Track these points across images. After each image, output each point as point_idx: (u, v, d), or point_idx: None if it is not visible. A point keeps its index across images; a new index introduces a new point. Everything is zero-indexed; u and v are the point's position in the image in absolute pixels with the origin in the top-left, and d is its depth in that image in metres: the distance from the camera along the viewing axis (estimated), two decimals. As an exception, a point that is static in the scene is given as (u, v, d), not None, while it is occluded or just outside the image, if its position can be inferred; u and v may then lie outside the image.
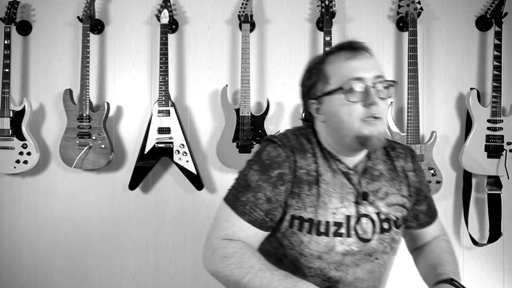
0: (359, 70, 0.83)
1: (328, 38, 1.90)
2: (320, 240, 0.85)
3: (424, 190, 0.99)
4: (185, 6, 2.11)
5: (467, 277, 2.07)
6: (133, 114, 2.12)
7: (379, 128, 0.83)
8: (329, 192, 0.87)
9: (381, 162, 0.95)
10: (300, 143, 0.91)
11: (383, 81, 0.84)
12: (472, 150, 1.92)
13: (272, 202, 0.85)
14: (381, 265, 0.91)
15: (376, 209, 0.89)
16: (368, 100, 0.81)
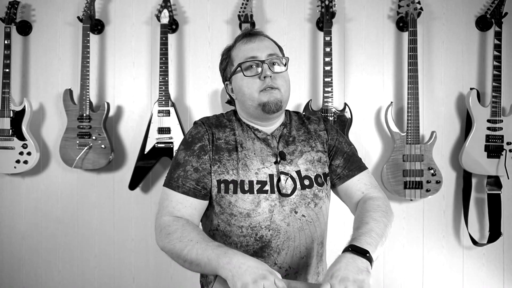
0: (254, 50, 1.00)
1: (328, 38, 1.91)
2: (245, 197, 0.96)
3: (339, 146, 1.09)
4: (185, 6, 2.11)
5: (467, 277, 2.08)
6: (133, 114, 2.12)
7: (275, 95, 0.99)
8: (249, 156, 1.00)
9: (295, 129, 1.09)
10: (219, 121, 1.08)
11: (275, 57, 1.00)
12: (472, 150, 1.92)
13: (199, 171, 0.98)
14: (309, 222, 1.00)
15: (295, 167, 1.01)
16: (262, 74, 0.98)
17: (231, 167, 0.99)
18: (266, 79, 0.98)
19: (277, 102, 0.99)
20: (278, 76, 1.01)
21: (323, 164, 1.06)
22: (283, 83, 1.01)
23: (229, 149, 1.01)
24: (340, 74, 2.07)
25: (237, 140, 1.03)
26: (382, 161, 2.07)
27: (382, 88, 2.08)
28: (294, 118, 1.14)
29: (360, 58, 2.08)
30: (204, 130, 1.03)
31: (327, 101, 1.91)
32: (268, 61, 0.99)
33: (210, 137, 1.02)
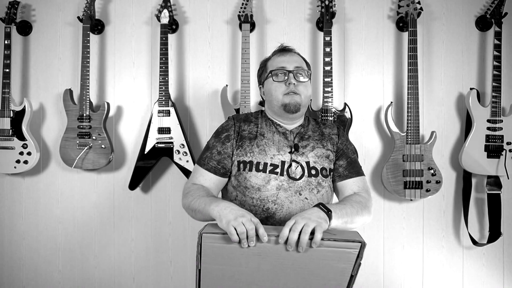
0: (284, 62, 1.26)
1: (328, 38, 1.91)
2: (258, 175, 1.18)
3: (345, 150, 1.30)
4: (185, 6, 2.11)
5: (467, 277, 2.08)
6: (133, 114, 2.12)
7: (296, 99, 1.22)
8: (268, 144, 1.24)
9: (311, 130, 1.31)
10: (247, 117, 1.33)
11: (300, 70, 1.25)
12: (472, 150, 1.92)
13: (221, 154, 1.24)
14: (310, 205, 1.17)
15: (306, 159, 1.22)
16: (287, 81, 1.22)
17: (249, 151, 1.22)
18: (290, 86, 1.22)
19: (296, 105, 1.23)
20: (300, 84, 1.24)
21: (330, 161, 1.25)
22: (304, 90, 1.25)
23: (251, 137, 1.25)
24: (340, 74, 2.07)
25: (259, 132, 1.26)
26: (382, 161, 2.07)
27: (382, 88, 2.08)
28: (312, 122, 1.36)
29: (360, 58, 2.08)
30: (232, 123, 1.29)
31: (327, 101, 1.91)
32: (294, 72, 1.24)
33: (236, 129, 1.27)
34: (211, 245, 0.92)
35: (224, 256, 0.92)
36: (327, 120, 1.92)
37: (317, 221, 0.93)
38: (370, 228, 2.09)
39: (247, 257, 0.92)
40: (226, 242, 0.91)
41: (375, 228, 2.09)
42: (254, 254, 0.92)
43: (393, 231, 2.09)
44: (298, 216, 0.95)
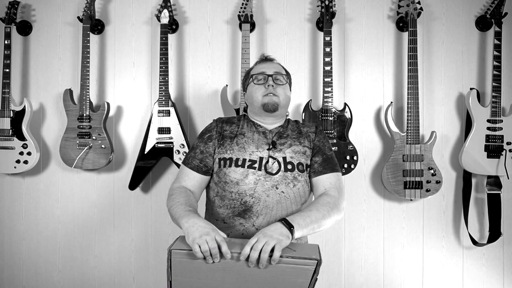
0: (264, 68, 1.36)
1: (328, 38, 1.91)
2: (237, 170, 1.25)
3: (322, 147, 1.35)
4: (185, 6, 2.11)
5: (467, 277, 2.08)
6: (133, 114, 2.12)
7: (274, 99, 1.30)
8: (248, 142, 1.31)
9: (290, 129, 1.37)
10: (229, 119, 1.41)
11: (279, 74, 1.34)
12: (472, 150, 1.92)
13: (204, 153, 1.31)
14: (286, 198, 1.24)
15: (283, 154, 1.28)
16: (266, 83, 1.31)
17: (229, 149, 1.29)
18: (269, 88, 1.30)
19: (274, 104, 1.30)
20: (279, 87, 1.33)
21: (307, 157, 1.31)
22: (282, 92, 1.33)
23: (232, 137, 1.32)
24: (340, 74, 2.07)
25: (239, 131, 1.33)
26: (382, 161, 2.07)
27: (382, 88, 2.08)
28: (291, 123, 1.42)
29: (360, 58, 2.08)
30: (215, 124, 1.38)
31: (327, 101, 1.91)
32: (273, 76, 1.33)
33: (218, 129, 1.35)
34: (180, 260, 0.99)
35: (191, 270, 1.00)
36: (327, 120, 1.92)
37: (278, 239, 0.98)
38: (370, 228, 2.09)
39: (212, 271, 0.99)
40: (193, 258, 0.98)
41: (375, 228, 2.09)
42: (219, 268, 0.99)
43: (393, 231, 2.09)
44: (260, 234, 1.00)
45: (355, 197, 2.09)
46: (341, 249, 2.09)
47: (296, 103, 2.07)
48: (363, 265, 2.09)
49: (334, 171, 1.31)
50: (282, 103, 1.32)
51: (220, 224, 1.26)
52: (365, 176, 2.09)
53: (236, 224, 1.23)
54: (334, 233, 2.10)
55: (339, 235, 2.09)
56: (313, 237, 2.08)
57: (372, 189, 2.09)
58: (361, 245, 2.10)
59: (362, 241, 2.09)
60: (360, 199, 2.09)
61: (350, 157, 1.93)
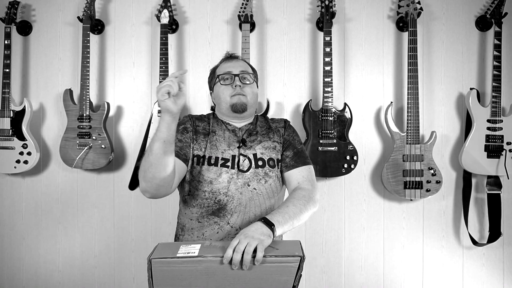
0: (230, 67, 1.34)
1: (328, 38, 1.91)
2: (210, 168, 1.25)
3: (292, 141, 1.35)
4: (185, 6, 2.11)
5: (467, 277, 2.08)
6: (133, 114, 2.12)
7: (242, 99, 1.30)
8: (219, 140, 1.31)
9: (259, 127, 1.38)
10: (200, 116, 1.42)
11: (245, 74, 1.33)
12: (472, 150, 1.92)
13: (182, 142, 1.29)
14: (259, 194, 1.26)
15: (253, 151, 1.29)
16: (233, 83, 1.30)
17: (203, 146, 1.29)
18: (237, 88, 1.30)
19: (243, 104, 1.30)
20: (246, 86, 1.32)
21: (277, 152, 1.32)
22: (250, 91, 1.32)
23: (204, 133, 1.32)
24: (340, 74, 2.07)
25: (211, 129, 1.34)
26: (382, 161, 2.07)
27: (382, 88, 2.08)
28: (260, 119, 1.42)
29: (360, 58, 2.08)
30: (188, 119, 1.38)
31: (327, 101, 1.91)
32: (240, 75, 1.31)
33: (192, 123, 1.35)
34: (161, 269, 0.97)
35: (173, 277, 0.98)
36: (327, 120, 1.92)
37: (259, 239, 0.97)
38: (370, 228, 2.09)
39: (195, 277, 0.97)
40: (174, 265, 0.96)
41: (375, 228, 2.09)
42: (202, 273, 0.97)
43: (393, 231, 2.09)
44: (242, 235, 0.98)
45: (355, 197, 2.09)
46: (341, 249, 2.09)
47: (296, 103, 2.07)
48: (363, 265, 2.09)
49: (306, 164, 1.31)
50: (250, 102, 1.32)
51: (194, 224, 1.26)
52: (365, 176, 2.09)
53: (210, 223, 1.23)
54: (334, 233, 2.10)
55: (339, 235, 2.10)
56: (313, 237, 2.08)
57: (372, 189, 2.09)
58: (361, 245, 2.09)
59: (362, 241, 2.09)
60: (360, 199, 2.09)
61: (350, 157, 1.93)
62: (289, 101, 2.08)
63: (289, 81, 2.08)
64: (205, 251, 0.97)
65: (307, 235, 2.09)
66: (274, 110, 2.07)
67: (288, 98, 2.08)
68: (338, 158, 1.93)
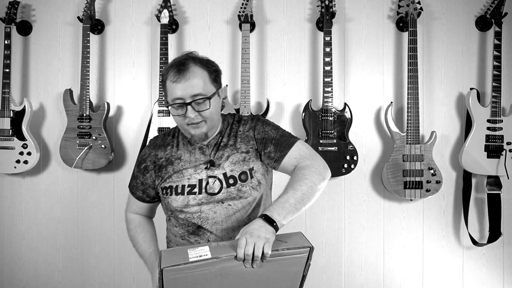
0: (179, 91, 1.11)
1: (328, 38, 1.91)
2: (177, 198, 1.19)
3: (266, 135, 1.23)
4: (185, 6, 2.11)
5: (467, 277, 2.08)
6: (133, 114, 2.12)
7: (200, 129, 1.16)
8: (185, 165, 1.21)
9: (227, 136, 1.25)
10: (164, 140, 1.28)
11: (199, 97, 1.12)
12: (472, 150, 1.92)
13: (144, 184, 1.27)
14: (235, 210, 1.19)
15: (222, 170, 1.19)
16: (186, 114, 1.12)
17: (168, 177, 1.22)
18: (192, 119, 1.13)
19: (201, 135, 1.17)
20: (203, 112, 1.14)
21: (247, 162, 1.21)
22: (208, 115, 1.15)
23: (167, 164, 1.23)
24: (340, 74, 2.07)
25: (175, 156, 1.23)
26: (382, 161, 2.07)
27: (382, 88, 2.08)
28: (229, 121, 1.28)
29: (360, 58, 2.08)
30: (148, 153, 1.27)
31: (327, 101, 1.91)
32: (193, 102, 1.12)
33: (152, 159, 1.26)
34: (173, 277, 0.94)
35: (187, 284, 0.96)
36: (327, 120, 1.92)
37: (266, 238, 0.96)
38: (370, 228, 2.09)
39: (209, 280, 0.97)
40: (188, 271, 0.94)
41: (375, 228, 2.09)
42: (216, 275, 0.96)
43: (393, 231, 2.09)
44: (247, 235, 0.96)
45: (355, 197, 2.09)
46: (341, 249, 2.09)
47: (296, 103, 2.07)
48: (363, 265, 2.09)
49: (292, 145, 1.20)
50: (210, 126, 1.17)
51: (179, 241, 1.26)
52: (365, 176, 2.09)
53: (192, 241, 1.21)
54: (334, 233, 2.10)
55: (339, 235, 2.10)
56: (313, 237, 2.08)
57: (372, 189, 2.09)
58: (361, 245, 2.09)
59: (362, 241, 2.09)
60: (360, 199, 2.09)
61: (350, 157, 1.93)
62: (289, 101, 2.08)
63: (289, 81, 2.08)
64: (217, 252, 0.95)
65: (307, 235, 2.08)
66: (274, 110, 2.07)
67: (288, 98, 2.08)
68: (338, 158, 1.93)
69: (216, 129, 1.23)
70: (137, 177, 1.29)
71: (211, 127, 1.19)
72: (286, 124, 2.08)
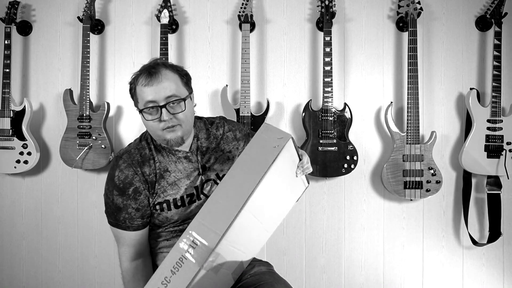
0: (152, 93, 1.07)
1: (328, 38, 1.91)
2: (179, 211, 1.15)
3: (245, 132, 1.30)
4: (185, 6, 2.11)
5: (467, 277, 2.08)
6: (133, 114, 2.12)
7: (176, 133, 1.10)
8: (177, 176, 1.15)
9: (205, 140, 1.23)
10: (142, 155, 1.16)
11: (173, 99, 1.07)
12: (472, 150, 1.92)
13: (140, 209, 1.13)
14: None
15: (214, 172, 1.20)
16: (160, 117, 1.07)
17: (162, 191, 1.14)
18: (167, 122, 1.08)
19: (177, 139, 1.11)
20: (177, 114, 1.09)
21: (231, 160, 1.24)
22: (183, 118, 1.10)
23: (159, 178, 1.14)
24: (340, 74, 2.07)
25: (162, 168, 1.15)
26: (382, 161, 2.07)
27: (382, 88, 2.08)
28: (200, 126, 1.26)
29: (360, 58, 2.08)
30: (132, 173, 1.13)
31: (327, 101, 1.91)
32: (167, 104, 1.07)
33: (140, 178, 1.12)
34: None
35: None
36: (327, 120, 1.92)
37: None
38: (370, 228, 2.09)
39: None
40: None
41: (375, 228, 2.09)
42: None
43: (393, 231, 2.09)
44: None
45: (355, 197, 2.09)
46: (341, 249, 2.09)
47: (296, 103, 2.07)
48: (363, 265, 2.09)
49: None
50: (186, 130, 1.12)
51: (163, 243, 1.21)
52: (365, 176, 2.09)
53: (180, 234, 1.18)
54: (334, 233, 2.10)
55: (339, 235, 2.10)
56: (313, 237, 2.08)
57: (372, 189, 2.09)
58: (361, 245, 2.10)
59: (362, 241, 2.09)
60: (360, 199, 2.09)
61: (350, 157, 1.93)
62: (289, 101, 2.08)
63: (289, 81, 2.08)
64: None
65: (307, 235, 2.09)
66: (274, 110, 2.07)
67: (288, 98, 2.08)
68: (338, 158, 1.93)
69: (190, 133, 1.19)
70: (126, 207, 1.13)
71: (187, 131, 1.14)
72: (286, 124, 2.08)
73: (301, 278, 2.08)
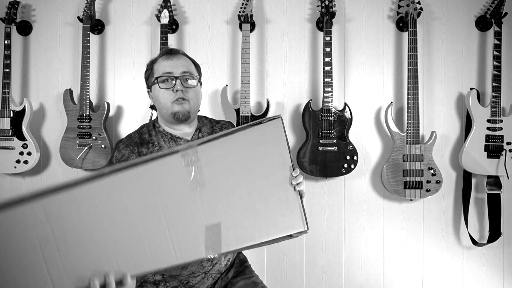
0: (170, 67, 1.18)
1: (328, 38, 1.91)
2: None
3: None
4: (185, 6, 2.11)
5: (467, 277, 2.08)
6: (133, 114, 2.12)
7: (185, 106, 1.18)
8: None
9: (207, 134, 1.27)
10: (141, 138, 1.23)
11: (188, 75, 1.19)
12: (472, 150, 1.92)
13: None
14: None
15: None
16: (175, 87, 1.17)
17: None
18: (178, 92, 1.17)
19: (185, 113, 1.19)
20: (189, 90, 1.20)
21: None
22: (193, 96, 1.20)
23: None
24: (340, 74, 2.07)
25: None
26: (382, 161, 2.07)
27: (382, 88, 2.08)
28: (205, 122, 1.33)
29: (360, 58, 2.08)
30: (129, 152, 1.19)
31: (327, 101, 1.91)
32: (181, 77, 1.18)
33: (137, 156, 1.17)
34: None
35: None
36: (327, 120, 1.92)
37: None
38: (370, 228, 2.09)
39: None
40: None
41: (375, 228, 2.09)
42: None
43: (393, 231, 2.09)
44: None
45: (355, 197, 2.09)
46: (341, 249, 2.09)
47: (296, 103, 2.07)
48: (363, 265, 2.09)
49: None
50: (193, 108, 1.21)
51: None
52: (365, 176, 2.09)
53: None
54: (334, 233, 2.10)
55: (339, 235, 2.10)
56: (313, 237, 2.08)
57: (372, 189, 2.09)
58: (361, 245, 2.10)
59: (362, 241, 2.09)
60: (360, 199, 2.09)
61: (350, 157, 1.93)
62: (289, 101, 2.08)
63: (289, 81, 2.08)
64: None
65: (307, 235, 2.09)
66: (274, 110, 2.07)
67: (288, 98, 2.08)
68: (338, 158, 1.93)
69: (195, 116, 1.27)
70: None
71: (194, 110, 1.21)
72: (286, 124, 2.08)
73: (301, 278, 2.08)
